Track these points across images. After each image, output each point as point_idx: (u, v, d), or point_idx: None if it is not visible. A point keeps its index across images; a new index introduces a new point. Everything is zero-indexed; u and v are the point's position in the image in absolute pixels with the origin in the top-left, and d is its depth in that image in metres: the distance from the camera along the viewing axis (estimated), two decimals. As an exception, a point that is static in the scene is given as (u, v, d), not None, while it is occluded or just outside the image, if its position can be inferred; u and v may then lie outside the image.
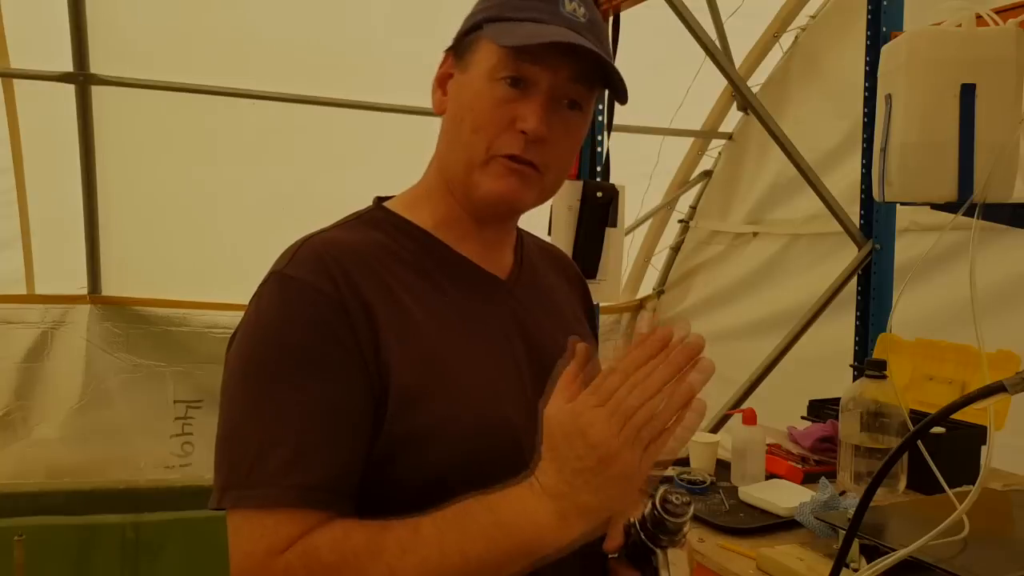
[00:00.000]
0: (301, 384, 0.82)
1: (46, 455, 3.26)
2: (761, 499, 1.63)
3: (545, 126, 0.89)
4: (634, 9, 2.59)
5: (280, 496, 0.79)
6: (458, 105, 0.93)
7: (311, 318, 0.83)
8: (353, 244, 0.90)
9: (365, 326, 0.84)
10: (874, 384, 1.66)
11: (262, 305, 0.86)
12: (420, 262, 0.93)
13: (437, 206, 0.97)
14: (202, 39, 3.01)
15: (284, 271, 0.86)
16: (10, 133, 3.02)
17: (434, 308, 0.91)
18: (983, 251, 1.22)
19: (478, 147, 0.90)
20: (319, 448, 0.81)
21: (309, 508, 0.80)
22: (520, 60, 0.88)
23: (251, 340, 0.85)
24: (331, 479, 0.81)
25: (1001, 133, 1.28)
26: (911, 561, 1.06)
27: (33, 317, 3.28)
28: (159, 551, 2.72)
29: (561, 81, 0.90)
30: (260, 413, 0.82)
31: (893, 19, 2.28)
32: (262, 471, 0.80)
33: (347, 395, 0.83)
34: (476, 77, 0.91)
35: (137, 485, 3.05)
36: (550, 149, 0.91)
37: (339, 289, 0.84)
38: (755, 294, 3.62)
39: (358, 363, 0.83)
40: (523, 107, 0.89)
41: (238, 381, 0.84)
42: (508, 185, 0.91)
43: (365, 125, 3.21)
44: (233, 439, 0.83)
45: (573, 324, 1.07)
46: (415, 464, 0.84)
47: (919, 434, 0.89)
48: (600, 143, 2.66)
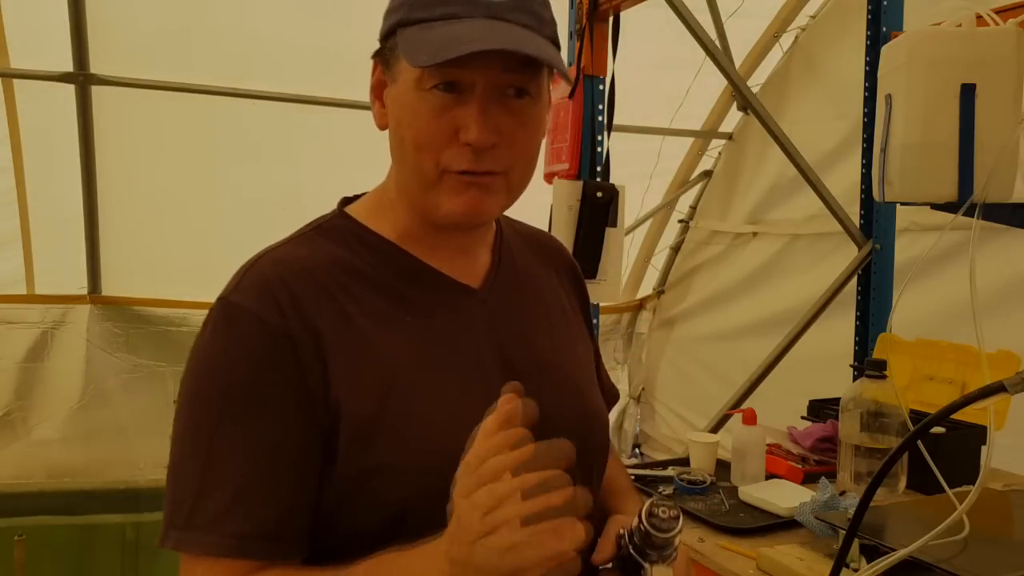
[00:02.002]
0: (242, 425, 0.78)
1: (46, 455, 3.25)
2: (761, 499, 1.63)
3: (489, 131, 0.81)
4: (634, 9, 2.59)
5: (216, 544, 0.77)
6: (396, 121, 0.85)
7: (253, 354, 0.79)
8: (307, 263, 0.85)
9: (313, 358, 0.79)
10: (874, 384, 1.66)
11: (207, 336, 0.82)
12: (382, 278, 0.87)
13: (399, 217, 0.90)
14: (202, 39, 3.01)
15: (229, 298, 0.82)
16: (10, 133, 3.02)
17: (394, 330, 0.84)
18: (983, 251, 1.22)
19: (427, 166, 0.83)
20: (259, 493, 0.77)
21: (245, 558, 0.77)
22: (445, 66, 0.79)
23: (195, 375, 0.82)
24: (271, 525, 0.78)
25: (1001, 133, 1.28)
26: (911, 561, 1.06)
27: (33, 317, 3.28)
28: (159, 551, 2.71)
29: (496, 75, 0.81)
30: (200, 453, 0.78)
31: (893, 19, 2.28)
32: (201, 515, 0.77)
33: (291, 436, 0.79)
34: (405, 89, 0.83)
35: (137, 485, 3.04)
36: (506, 149, 0.83)
37: (286, 318, 0.80)
38: (755, 294, 3.62)
39: (303, 400, 0.79)
40: (462, 114, 0.81)
41: (183, 416, 0.81)
42: (469, 201, 0.84)
43: (365, 125, 3.19)
44: (176, 476, 0.80)
45: (559, 322, 1.01)
46: (371, 503, 0.80)
47: (919, 434, 0.89)
48: (600, 143, 2.66)
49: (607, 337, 4.21)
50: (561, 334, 1.01)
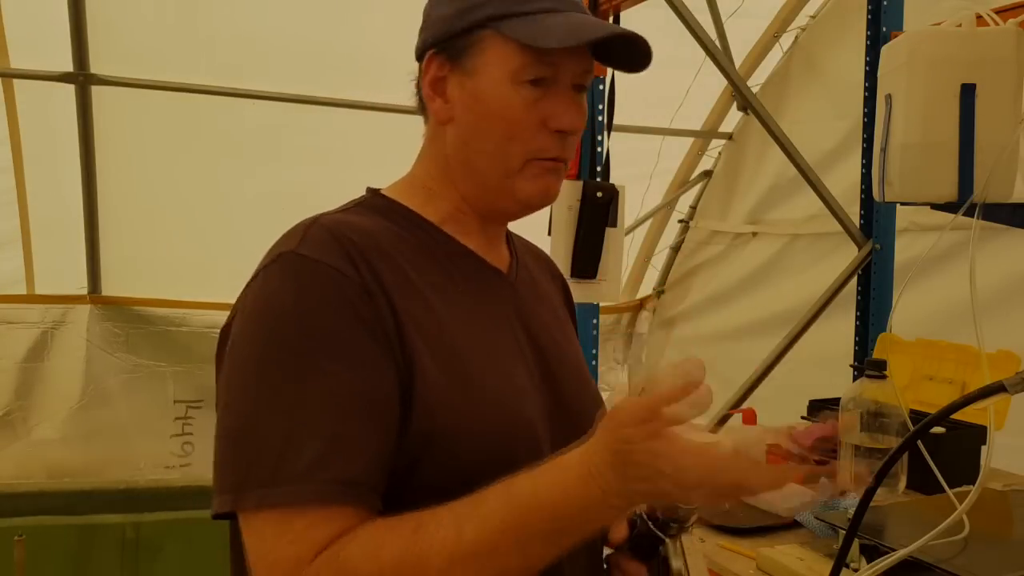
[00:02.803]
0: (329, 371, 0.75)
1: (46, 455, 3.25)
2: (761, 499, 1.62)
3: (581, 119, 0.90)
4: (634, 9, 2.59)
5: (316, 492, 0.72)
6: (478, 114, 0.88)
7: (334, 300, 0.77)
8: (364, 227, 0.85)
9: (388, 314, 0.79)
10: (874, 384, 1.65)
11: (271, 288, 0.79)
12: (431, 251, 0.90)
13: (440, 203, 0.93)
14: (202, 39, 3.01)
15: (297, 251, 0.80)
16: (10, 133, 3.02)
17: (449, 298, 0.87)
18: (983, 251, 1.22)
19: (514, 155, 0.88)
20: (356, 439, 0.75)
21: (348, 504, 0.73)
22: (544, 60, 0.86)
23: (264, 326, 0.77)
24: (370, 473, 0.75)
25: (1001, 133, 1.28)
26: (911, 561, 1.06)
27: (33, 317, 3.28)
28: (159, 551, 2.72)
29: (579, 71, 0.89)
30: (283, 404, 0.74)
31: (893, 19, 2.28)
32: (292, 466, 0.72)
33: (377, 383, 0.77)
34: (495, 81, 0.87)
35: (137, 485, 3.05)
36: (575, 138, 0.91)
37: (360, 273, 0.79)
38: (755, 294, 3.62)
39: (385, 348, 0.78)
40: (551, 105, 0.87)
41: (252, 371, 0.77)
42: (547, 184, 0.91)
43: (365, 125, 3.21)
44: (250, 434, 0.75)
45: (562, 318, 1.07)
46: (442, 465, 0.79)
47: (919, 434, 0.89)
48: (600, 143, 2.66)
49: (607, 337, 4.21)
50: (565, 327, 1.07)
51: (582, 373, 1.02)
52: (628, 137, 3.43)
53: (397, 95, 3.16)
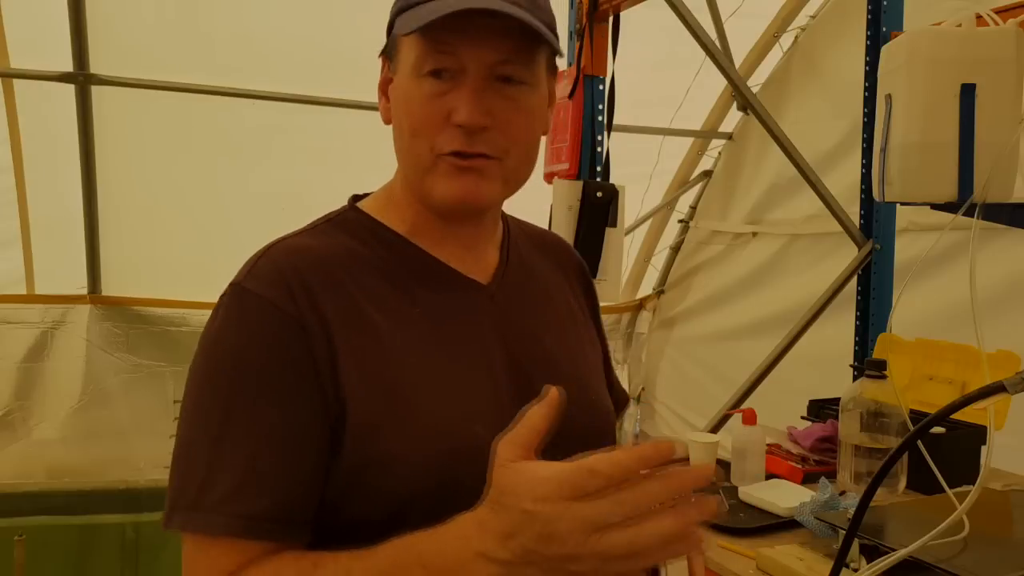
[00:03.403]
0: (254, 408, 0.78)
1: (46, 455, 3.25)
2: (761, 499, 1.63)
3: (480, 113, 0.82)
4: (634, 9, 2.59)
5: (224, 525, 0.76)
6: (396, 111, 0.88)
7: (265, 339, 0.80)
8: (320, 252, 0.86)
9: (323, 346, 0.80)
10: (874, 384, 1.66)
11: (219, 320, 0.82)
12: (393, 270, 0.88)
13: (407, 212, 0.91)
14: (202, 39, 3.01)
15: (243, 284, 0.82)
16: (10, 133, 3.02)
17: (403, 322, 0.85)
18: (983, 251, 1.22)
19: (422, 151, 0.85)
20: (267, 476, 0.77)
21: (252, 539, 0.77)
22: (438, 48, 0.82)
23: (207, 359, 0.82)
24: (278, 509, 0.77)
25: (1001, 133, 1.27)
26: (911, 561, 1.06)
27: (33, 317, 3.28)
28: (159, 551, 2.72)
29: (488, 59, 0.83)
30: (210, 435, 0.78)
31: (893, 19, 2.28)
32: (209, 496, 0.76)
33: (300, 420, 0.79)
34: (403, 77, 0.86)
35: (137, 485, 3.04)
36: (499, 133, 0.84)
37: (298, 306, 0.80)
38: (755, 294, 3.62)
39: (313, 386, 0.79)
40: (453, 98, 0.83)
41: (192, 399, 0.81)
42: (463, 185, 0.85)
43: (365, 125, 3.20)
44: (182, 459, 0.80)
45: (567, 322, 1.01)
46: (375, 494, 0.79)
47: (919, 434, 0.89)
48: (600, 143, 2.66)
49: (607, 337, 4.21)
50: (568, 334, 1.01)
51: (581, 382, 0.96)
52: (628, 137, 3.43)
53: (397, 95, 3.08)
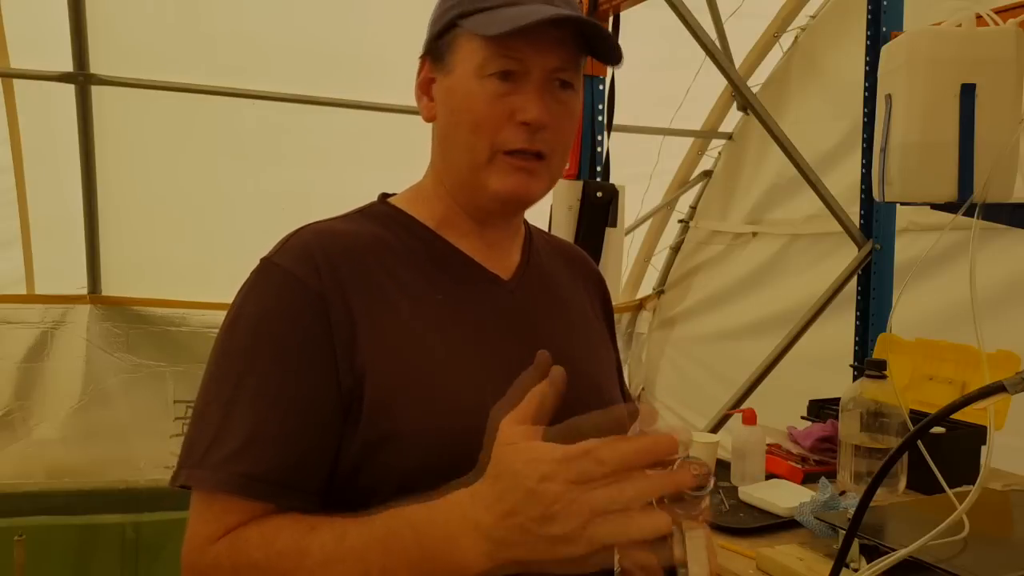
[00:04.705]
0: (267, 373, 0.82)
1: (46, 455, 3.25)
2: (761, 499, 1.63)
3: (546, 111, 0.88)
4: (634, 9, 2.60)
5: (224, 482, 0.79)
6: (450, 108, 0.92)
7: (286, 309, 0.83)
8: (349, 235, 0.90)
9: (344, 323, 0.83)
10: (874, 384, 1.66)
11: (244, 291, 0.87)
12: (418, 258, 0.92)
13: (436, 205, 0.96)
14: (202, 39, 3.01)
15: (271, 258, 0.87)
16: (10, 133, 3.02)
17: (423, 304, 0.89)
18: (983, 251, 1.22)
19: (480, 146, 0.89)
20: (273, 439, 0.80)
21: (251, 498, 0.80)
22: (507, 52, 0.87)
23: (229, 327, 0.86)
24: (279, 472, 0.80)
25: (1001, 133, 1.27)
26: (911, 561, 1.06)
27: (33, 317, 3.28)
28: (159, 551, 2.72)
29: (551, 64, 0.89)
30: (223, 397, 0.82)
31: (893, 19, 2.28)
32: (214, 454, 0.80)
33: (313, 391, 0.82)
34: (464, 77, 0.90)
35: (137, 485, 3.04)
36: (552, 134, 0.90)
37: (321, 281, 0.84)
38: (755, 294, 3.62)
39: (329, 360, 0.82)
40: (519, 98, 0.88)
41: (212, 365, 0.85)
42: (517, 181, 0.90)
43: (365, 125, 3.21)
44: (197, 420, 0.83)
45: (582, 326, 1.04)
46: (385, 469, 0.82)
47: (919, 434, 0.89)
48: (600, 143, 2.66)
49: (607, 337, 4.21)
50: (584, 336, 1.05)
51: (594, 380, 0.99)
52: (628, 137, 3.43)
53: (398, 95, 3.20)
